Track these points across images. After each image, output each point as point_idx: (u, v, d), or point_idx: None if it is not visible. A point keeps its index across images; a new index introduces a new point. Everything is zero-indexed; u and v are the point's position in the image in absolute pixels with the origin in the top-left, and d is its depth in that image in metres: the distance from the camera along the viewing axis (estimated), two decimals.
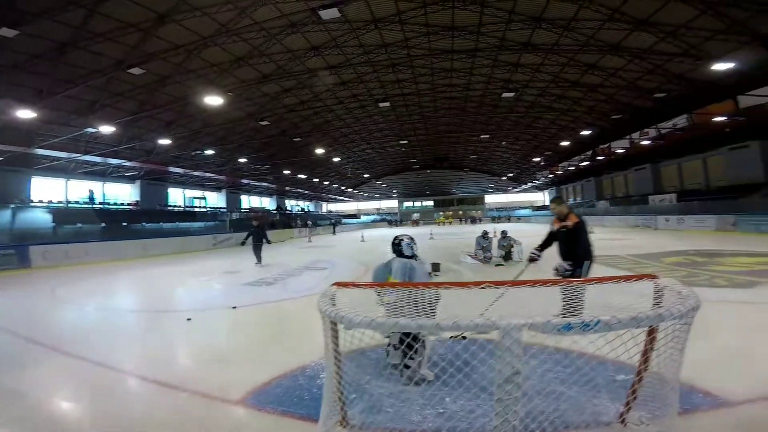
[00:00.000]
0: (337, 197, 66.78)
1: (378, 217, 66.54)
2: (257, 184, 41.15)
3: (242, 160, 30.41)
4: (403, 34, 17.83)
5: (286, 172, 37.64)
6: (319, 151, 30.84)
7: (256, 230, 13.32)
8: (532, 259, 4.57)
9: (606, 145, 30.73)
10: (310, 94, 23.79)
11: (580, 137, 28.99)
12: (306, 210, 57.71)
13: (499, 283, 1.88)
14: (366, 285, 2.18)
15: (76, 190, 25.45)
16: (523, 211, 61.58)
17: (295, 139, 28.10)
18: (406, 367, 2.92)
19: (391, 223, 61.08)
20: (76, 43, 13.52)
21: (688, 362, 3.11)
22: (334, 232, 39.55)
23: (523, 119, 31.33)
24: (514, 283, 2.02)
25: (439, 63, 21.75)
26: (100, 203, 26.26)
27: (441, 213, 66.50)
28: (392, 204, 71.59)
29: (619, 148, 29.91)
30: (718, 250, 11.26)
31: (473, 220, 57.56)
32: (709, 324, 4.43)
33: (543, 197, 63.87)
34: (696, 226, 21.37)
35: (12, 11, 10.90)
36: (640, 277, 1.95)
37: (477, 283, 1.90)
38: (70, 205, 24.17)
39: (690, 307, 1.44)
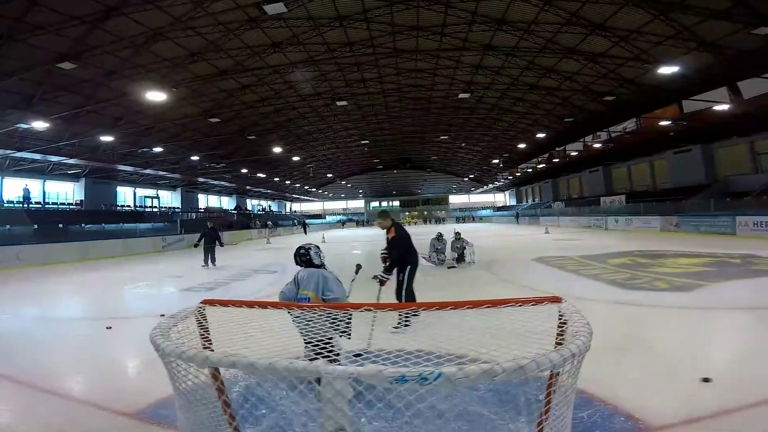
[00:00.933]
0: (302, 197, 65.50)
1: (345, 218, 65.86)
2: (215, 182, 39.44)
3: (194, 157, 28.93)
4: (368, 33, 17.55)
5: (244, 170, 36.30)
6: (281, 149, 29.93)
7: (210, 232, 13.09)
8: (382, 282, 4.52)
9: (561, 148, 31.94)
10: (270, 91, 22.99)
11: (538, 140, 29.94)
12: (268, 210, 56.15)
13: (379, 306, 1.69)
14: (233, 304, 1.94)
15: (13, 189, 23.28)
16: (486, 211, 63.21)
17: (250, 137, 27.00)
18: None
19: (357, 224, 60.76)
20: (13, 35, 12.19)
21: (618, 378, 3.03)
22: (305, 233, 39.30)
23: (484, 121, 31.96)
24: (396, 306, 1.85)
25: (404, 63, 21.68)
26: (37, 203, 24.15)
27: (407, 213, 66.90)
28: (359, 204, 71.12)
29: (574, 150, 31.16)
30: (661, 251, 11.81)
31: (438, 221, 58.32)
32: (645, 333, 4.44)
33: (504, 198, 65.88)
34: (642, 227, 22.59)
35: None
36: (540, 301, 1.69)
37: (356, 306, 1.72)
38: (5, 205, 22.07)
39: (569, 354, 1.18)
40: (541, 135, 28.03)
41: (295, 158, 36.48)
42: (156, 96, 14.53)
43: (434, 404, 2.32)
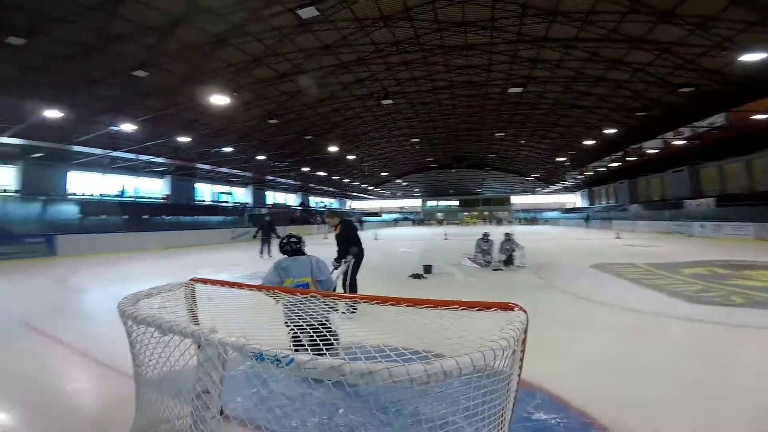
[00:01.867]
0: (361, 195, 67.06)
1: (400, 216, 65.93)
2: (282, 180, 42.05)
3: (260, 157, 31.14)
4: (413, 31, 17.55)
5: (305, 169, 38.18)
6: (338, 148, 31.06)
7: (267, 225, 14.03)
8: (336, 268, 5.52)
9: (637, 146, 29.01)
10: (326, 92, 23.92)
11: (608, 136, 27.53)
12: (329, 207, 58.41)
13: (325, 295, 1.94)
14: (219, 283, 2.16)
15: (112, 185, 27.10)
16: (553, 213, 59.42)
17: (307, 137, 28.38)
18: None
19: (413, 223, 60.88)
20: (97, 45, 14.16)
21: (630, 402, 2.72)
22: (361, 229, 40.39)
23: (546, 117, 30.18)
24: (341, 297, 2.11)
25: (454, 59, 21.25)
26: (130, 197, 27.70)
27: (466, 214, 65.25)
28: (415, 203, 70.58)
29: (652, 148, 28.14)
30: (750, 262, 10.15)
31: (498, 221, 56.16)
32: (688, 354, 3.86)
33: (574, 199, 61.37)
34: (734, 234, 19.82)
35: (21, 17, 11.43)
36: (488, 306, 1.53)
37: (304, 292, 1.98)
38: (104, 198, 25.65)
39: (438, 371, 1.08)
40: (611, 131, 25.75)
41: (350, 157, 37.48)
42: (219, 99, 15.95)
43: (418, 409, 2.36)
